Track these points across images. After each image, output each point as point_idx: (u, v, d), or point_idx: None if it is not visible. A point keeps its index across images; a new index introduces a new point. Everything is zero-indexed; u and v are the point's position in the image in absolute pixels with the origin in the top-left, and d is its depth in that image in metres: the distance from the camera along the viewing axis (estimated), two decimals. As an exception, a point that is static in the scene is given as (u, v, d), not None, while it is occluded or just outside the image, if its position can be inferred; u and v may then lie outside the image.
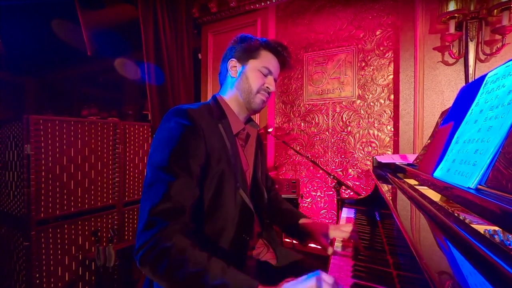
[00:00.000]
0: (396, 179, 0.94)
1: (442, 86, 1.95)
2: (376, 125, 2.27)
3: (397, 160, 1.31)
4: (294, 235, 0.99)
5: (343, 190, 2.34)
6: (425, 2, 1.98)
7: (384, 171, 1.24)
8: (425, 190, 0.70)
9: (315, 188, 2.55)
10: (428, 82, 1.99)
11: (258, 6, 2.62)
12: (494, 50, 1.75)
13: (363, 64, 2.31)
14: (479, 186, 0.49)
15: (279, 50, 0.90)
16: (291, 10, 2.62)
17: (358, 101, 2.34)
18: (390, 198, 0.79)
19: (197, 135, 0.73)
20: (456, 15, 1.77)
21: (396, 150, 2.17)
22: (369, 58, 2.29)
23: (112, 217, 2.04)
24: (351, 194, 2.28)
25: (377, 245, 0.88)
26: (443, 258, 0.38)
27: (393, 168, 1.26)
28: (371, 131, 2.29)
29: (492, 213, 0.40)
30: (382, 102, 2.25)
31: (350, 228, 0.85)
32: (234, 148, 0.82)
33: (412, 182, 0.87)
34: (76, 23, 2.26)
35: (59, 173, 1.72)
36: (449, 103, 1.47)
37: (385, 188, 0.91)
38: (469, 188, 0.50)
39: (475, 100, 0.66)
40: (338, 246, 0.88)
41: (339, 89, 2.42)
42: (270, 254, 0.96)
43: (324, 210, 2.50)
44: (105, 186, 1.99)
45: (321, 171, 2.45)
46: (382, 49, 2.24)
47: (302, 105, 2.59)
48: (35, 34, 2.64)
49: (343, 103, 2.40)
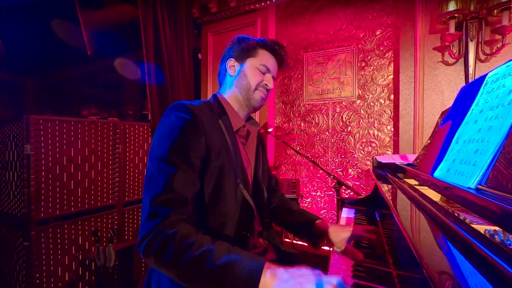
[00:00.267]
0: (396, 179, 0.94)
1: (442, 86, 1.95)
2: (376, 125, 2.27)
3: (397, 160, 1.31)
4: (307, 237, 0.95)
5: (343, 190, 2.34)
6: (425, 2, 1.98)
7: (384, 171, 1.24)
8: (425, 190, 0.70)
9: (315, 188, 2.55)
10: (428, 82, 1.99)
11: (258, 6, 2.62)
12: (494, 50, 1.75)
13: (363, 64, 2.31)
14: (479, 186, 0.49)
15: (276, 49, 0.91)
16: (291, 10, 2.62)
17: (358, 101, 2.34)
18: (390, 198, 0.79)
19: (197, 129, 0.73)
20: (456, 15, 1.77)
21: (396, 150, 2.17)
22: (369, 58, 2.29)
23: (112, 217, 2.04)
24: (351, 194, 2.28)
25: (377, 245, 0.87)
26: (443, 258, 0.38)
27: (393, 168, 1.26)
28: (371, 131, 2.29)
29: (492, 213, 0.40)
30: (382, 102, 2.25)
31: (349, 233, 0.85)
32: (234, 144, 0.82)
33: (412, 182, 0.87)
34: (76, 23, 2.26)
35: (59, 173, 1.72)
36: (449, 103, 1.47)
37: (385, 188, 0.91)
38: (469, 188, 0.50)
39: (475, 100, 0.66)
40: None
41: (339, 89, 2.42)
42: (270, 254, 0.96)
43: (324, 210, 2.50)
44: (105, 186, 1.99)
45: (321, 171, 2.45)
46: (382, 49, 2.24)
47: (302, 105, 2.59)
48: (35, 34, 2.64)
49: (343, 103, 2.40)
